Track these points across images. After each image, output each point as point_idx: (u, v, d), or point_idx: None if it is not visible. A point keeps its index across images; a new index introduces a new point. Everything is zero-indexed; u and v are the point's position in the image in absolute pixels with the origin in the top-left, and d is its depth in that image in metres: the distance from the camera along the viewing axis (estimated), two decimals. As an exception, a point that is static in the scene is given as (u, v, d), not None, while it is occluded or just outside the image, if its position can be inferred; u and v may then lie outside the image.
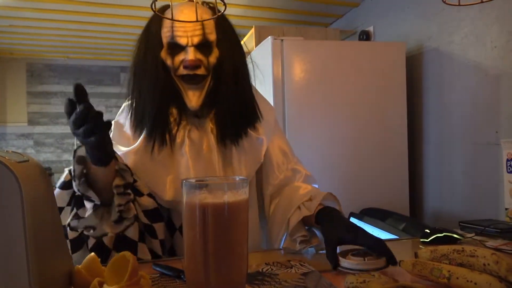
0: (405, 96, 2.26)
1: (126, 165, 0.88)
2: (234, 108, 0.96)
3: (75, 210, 0.83)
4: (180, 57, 0.92)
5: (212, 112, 0.98)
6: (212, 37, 0.93)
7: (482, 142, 1.89)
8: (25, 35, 3.69)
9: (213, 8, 0.99)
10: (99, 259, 0.65)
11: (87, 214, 0.82)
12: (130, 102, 0.99)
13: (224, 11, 0.93)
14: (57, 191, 0.86)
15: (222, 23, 0.97)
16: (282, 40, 2.10)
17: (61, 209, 0.85)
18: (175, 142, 0.95)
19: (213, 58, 0.93)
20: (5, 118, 4.58)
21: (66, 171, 0.88)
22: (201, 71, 0.92)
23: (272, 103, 2.00)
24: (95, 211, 0.83)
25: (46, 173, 0.61)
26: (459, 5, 0.94)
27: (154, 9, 0.80)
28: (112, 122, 1.03)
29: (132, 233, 0.85)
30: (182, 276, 0.73)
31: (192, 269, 0.60)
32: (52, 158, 4.72)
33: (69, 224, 0.82)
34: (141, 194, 0.89)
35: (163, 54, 0.93)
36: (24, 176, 0.51)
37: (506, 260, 0.65)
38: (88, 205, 0.83)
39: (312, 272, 0.78)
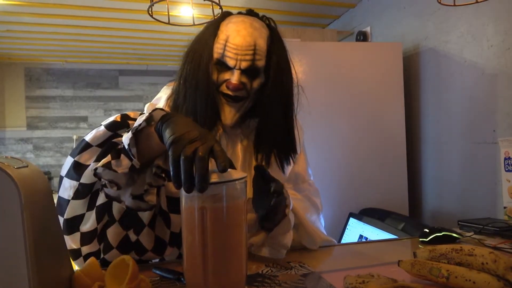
0: (402, 96, 2.26)
1: None
2: (275, 134, 0.97)
3: (109, 158, 0.76)
4: (225, 76, 0.93)
5: (244, 125, 1.00)
6: (261, 63, 0.93)
7: (479, 141, 1.89)
8: (23, 39, 3.70)
9: (271, 27, 0.99)
10: (98, 224, 0.62)
11: (121, 170, 0.75)
12: (172, 104, 0.98)
13: (221, 14, 0.94)
14: (100, 129, 0.82)
15: (275, 49, 0.97)
16: (279, 41, 2.11)
17: (89, 145, 0.81)
18: None
19: (256, 83, 0.94)
20: (4, 123, 4.57)
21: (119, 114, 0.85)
22: (241, 93, 0.93)
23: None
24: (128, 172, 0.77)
25: (46, 178, 0.61)
26: (455, 5, 0.95)
27: (150, 14, 0.81)
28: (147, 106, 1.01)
29: (146, 216, 0.82)
30: (182, 279, 0.73)
31: (192, 271, 0.61)
32: (52, 162, 4.71)
33: (96, 169, 0.76)
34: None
35: (211, 67, 0.94)
36: (24, 182, 0.51)
37: (504, 258, 0.66)
38: (125, 162, 0.75)
39: (311, 273, 0.78)
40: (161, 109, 0.76)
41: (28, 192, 0.51)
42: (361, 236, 1.88)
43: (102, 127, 0.82)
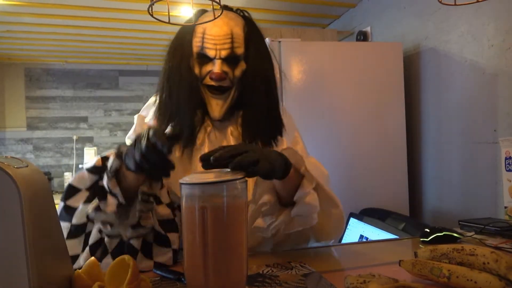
0: (403, 96, 2.26)
1: None
2: (260, 117, 0.98)
3: (97, 201, 0.81)
4: (207, 68, 0.95)
5: (233, 117, 1.01)
6: (240, 51, 0.96)
7: (480, 141, 1.89)
8: (23, 40, 3.69)
9: (246, 17, 1.01)
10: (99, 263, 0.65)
11: (109, 209, 0.80)
12: (158, 102, 1.00)
13: (221, 14, 0.94)
14: (84, 172, 0.86)
15: (253, 36, 0.99)
16: (279, 41, 2.11)
17: (77, 189, 0.85)
18: (196, 143, 0.98)
19: (238, 71, 0.96)
20: (4, 123, 4.57)
21: (98, 156, 0.88)
22: (225, 83, 0.95)
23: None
24: (117, 209, 0.81)
25: (46, 178, 0.61)
26: (455, 4, 0.95)
27: (151, 13, 0.81)
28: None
29: (136, 242, 0.84)
30: (182, 279, 0.73)
31: (192, 271, 0.61)
32: (52, 162, 4.71)
33: (88, 215, 0.82)
34: (160, 203, 0.88)
35: (192, 62, 0.96)
36: (24, 182, 0.51)
37: (506, 258, 0.65)
38: (111, 200, 0.80)
39: (312, 273, 0.78)
40: (125, 144, 0.82)
41: (28, 192, 0.51)
42: (361, 236, 1.88)
43: (85, 171, 0.86)
